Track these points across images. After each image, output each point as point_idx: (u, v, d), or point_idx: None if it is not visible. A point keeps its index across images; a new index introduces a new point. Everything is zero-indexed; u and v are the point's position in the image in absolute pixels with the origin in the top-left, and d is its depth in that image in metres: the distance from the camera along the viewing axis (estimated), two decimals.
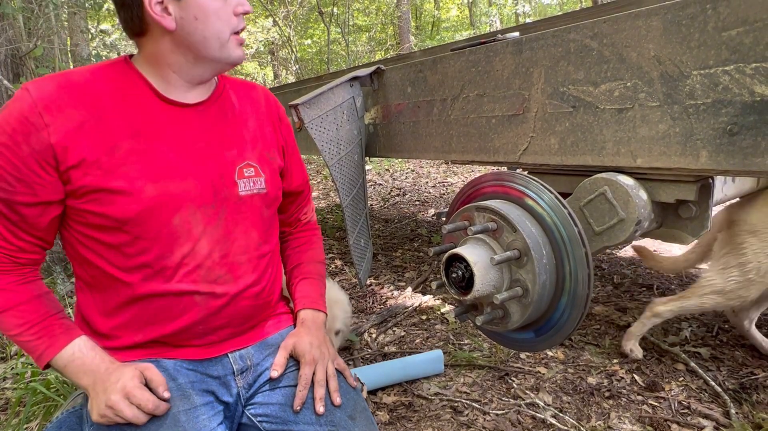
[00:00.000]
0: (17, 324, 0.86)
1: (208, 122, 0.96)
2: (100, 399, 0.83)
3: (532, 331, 1.25)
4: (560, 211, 1.14)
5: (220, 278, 0.95)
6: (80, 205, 0.85)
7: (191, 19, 0.86)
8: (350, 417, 0.96)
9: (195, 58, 0.91)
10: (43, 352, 0.86)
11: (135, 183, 0.86)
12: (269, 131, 1.08)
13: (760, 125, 0.97)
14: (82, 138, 0.84)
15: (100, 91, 0.87)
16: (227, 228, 0.96)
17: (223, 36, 0.90)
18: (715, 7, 0.99)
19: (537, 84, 1.37)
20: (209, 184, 0.93)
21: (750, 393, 1.53)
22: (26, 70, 2.68)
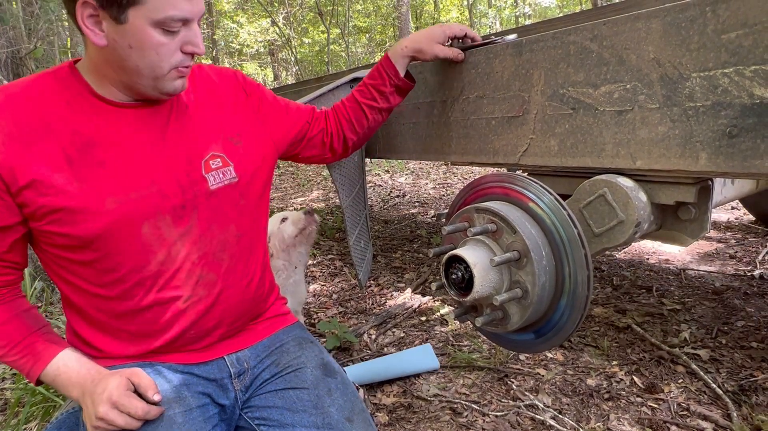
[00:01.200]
0: (2, 344, 0.86)
1: (163, 120, 0.91)
2: (90, 411, 0.83)
3: (531, 332, 1.25)
4: (560, 212, 1.14)
5: (201, 279, 0.93)
6: (42, 226, 0.83)
7: (125, 45, 0.79)
8: (347, 419, 0.95)
9: (126, 80, 0.84)
10: (30, 369, 0.87)
11: (94, 198, 0.82)
12: (230, 113, 1.02)
13: (759, 127, 0.97)
14: (29, 156, 0.79)
15: (42, 102, 0.82)
16: (201, 227, 0.93)
17: (159, 71, 0.82)
18: (715, 10, 1.00)
19: (537, 86, 1.38)
20: (175, 184, 0.89)
21: (749, 395, 1.53)
22: (26, 71, 2.68)
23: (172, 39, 0.81)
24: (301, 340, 1.11)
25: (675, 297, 2.27)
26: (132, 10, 0.76)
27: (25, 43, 2.64)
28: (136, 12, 0.76)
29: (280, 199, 5.86)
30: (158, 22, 0.77)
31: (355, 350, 1.98)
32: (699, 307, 2.14)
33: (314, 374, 1.02)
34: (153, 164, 0.88)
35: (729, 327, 1.96)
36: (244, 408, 1.01)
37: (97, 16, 0.77)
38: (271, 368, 1.04)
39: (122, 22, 0.76)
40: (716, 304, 2.16)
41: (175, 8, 0.77)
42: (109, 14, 0.76)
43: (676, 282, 2.45)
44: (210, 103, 1.00)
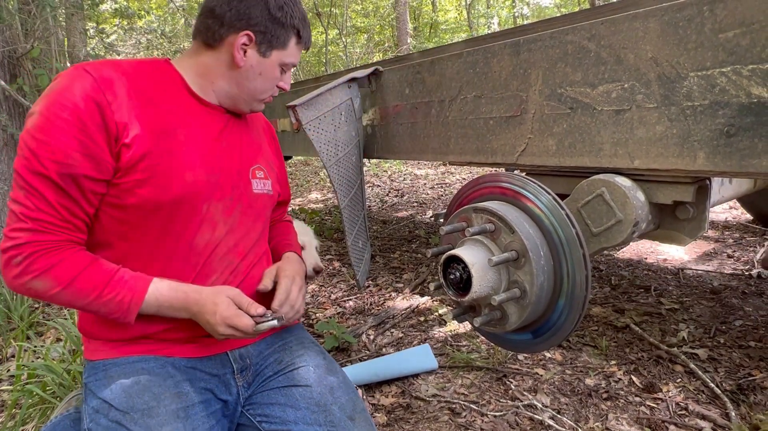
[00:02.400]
0: (92, 287, 0.87)
1: (232, 126, 1.08)
2: (208, 329, 0.93)
3: (530, 332, 1.25)
4: (558, 212, 1.14)
5: (231, 264, 1.03)
6: (124, 183, 0.89)
7: (257, 72, 1.02)
8: (350, 418, 0.97)
9: (235, 93, 1.04)
10: (130, 301, 0.89)
11: (177, 168, 0.93)
12: (267, 144, 1.22)
13: (756, 126, 0.97)
14: (135, 120, 0.89)
15: (145, 83, 0.94)
16: (241, 220, 1.05)
17: (262, 95, 1.07)
18: (712, 9, 1.00)
19: (535, 85, 1.37)
20: (230, 178, 1.03)
21: (747, 394, 1.53)
22: (23, 71, 2.67)
23: (281, 77, 1.07)
24: (303, 340, 1.14)
25: (673, 296, 2.27)
26: (276, 51, 1.02)
27: (22, 43, 2.63)
28: (278, 53, 1.03)
29: None
30: (284, 64, 1.05)
31: (354, 350, 1.98)
32: (697, 307, 2.14)
33: (317, 372, 1.04)
34: (219, 156, 1.02)
35: (727, 326, 1.96)
36: (246, 405, 1.02)
37: (248, 45, 0.99)
38: (274, 365, 1.06)
39: (265, 56, 1.01)
40: (714, 304, 2.16)
41: (294, 58, 1.06)
42: (259, 48, 1.00)
43: (675, 281, 2.45)
44: (255, 129, 1.20)
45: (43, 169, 0.83)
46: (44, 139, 0.82)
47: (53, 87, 0.86)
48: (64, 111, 0.83)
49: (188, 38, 10.56)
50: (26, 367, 1.68)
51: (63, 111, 0.83)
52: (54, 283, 0.85)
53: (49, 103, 0.84)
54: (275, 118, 2.98)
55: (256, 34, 0.98)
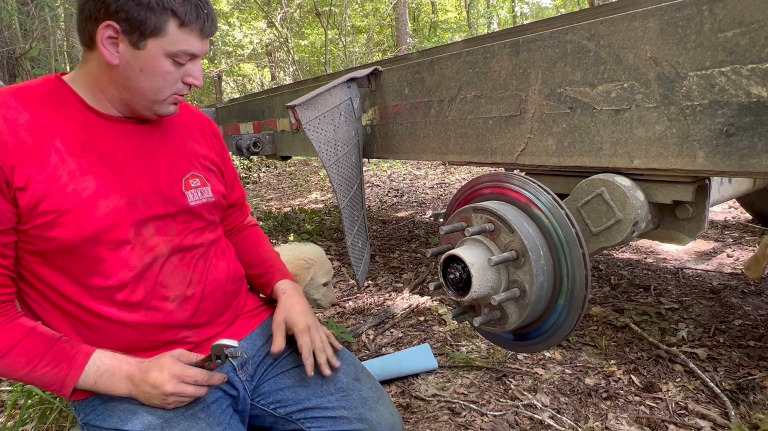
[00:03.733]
0: (26, 360, 0.82)
1: (148, 136, 0.97)
2: (154, 395, 0.86)
3: (529, 332, 1.25)
4: (558, 211, 1.14)
5: (186, 278, 0.97)
6: (31, 230, 0.82)
7: (137, 68, 0.86)
8: (355, 379, 1.05)
9: (127, 98, 0.90)
10: (66, 377, 0.84)
11: (86, 201, 0.84)
12: (205, 146, 1.10)
13: (756, 126, 0.97)
14: (24, 159, 0.81)
15: (35, 107, 0.85)
16: (182, 236, 0.98)
17: (161, 95, 0.91)
18: (712, 9, 1.00)
19: (534, 85, 1.37)
20: (158, 196, 0.94)
21: (747, 394, 1.53)
22: (22, 71, 2.67)
23: (178, 69, 0.89)
24: None
25: (673, 296, 2.27)
26: (152, 40, 0.84)
27: (21, 43, 2.63)
28: (155, 42, 0.84)
29: (278, 199, 5.85)
30: (171, 54, 0.86)
31: (353, 350, 1.98)
32: (696, 306, 2.14)
33: None
34: (138, 175, 0.93)
35: (726, 325, 1.96)
36: (255, 397, 1.05)
37: (116, 38, 0.83)
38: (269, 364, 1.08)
39: (140, 48, 0.84)
40: (714, 303, 2.16)
41: (189, 45, 0.87)
42: (129, 39, 0.83)
43: (674, 281, 2.45)
44: (188, 132, 1.08)
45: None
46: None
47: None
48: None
49: None
50: None
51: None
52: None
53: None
54: (274, 118, 2.98)
55: (119, 22, 0.82)
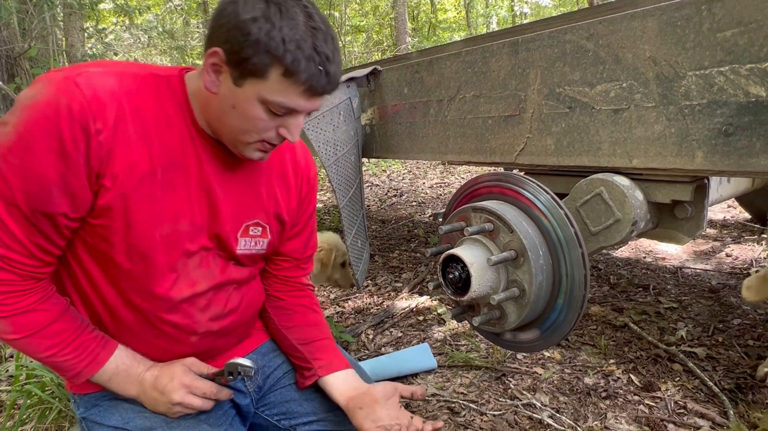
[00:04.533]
0: (50, 345, 0.79)
1: (235, 168, 0.90)
2: (161, 402, 0.85)
3: (528, 331, 1.25)
4: (557, 211, 1.14)
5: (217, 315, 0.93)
6: (96, 225, 0.78)
7: (229, 104, 0.79)
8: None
9: (217, 128, 0.84)
10: (83, 369, 0.82)
11: (152, 220, 0.80)
12: (293, 197, 1.01)
13: (755, 126, 0.97)
14: (120, 158, 0.76)
15: (143, 108, 0.79)
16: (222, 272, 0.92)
17: (246, 138, 0.82)
18: (710, 9, 1.00)
19: (533, 85, 1.38)
20: (215, 233, 0.89)
21: (746, 393, 1.53)
22: (21, 71, 2.67)
23: (272, 119, 0.80)
24: None
25: (672, 295, 2.27)
26: (251, 80, 0.76)
27: (20, 43, 2.63)
28: (254, 83, 0.76)
29: None
30: (266, 101, 0.77)
31: (353, 350, 1.98)
32: (695, 305, 2.15)
33: None
34: (210, 206, 0.87)
35: (725, 325, 1.96)
36: (261, 407, 1.04)
37: (220, 66, 0.77)
38: (283, 365, 1.07)
39: (238, 85, 0.77)
40: (713, 302, 2.17)
41: (288, 98, 0.77)
42: (231, 72, 0.76)
43: (673, 280, 2.46)
44: (279, 172, 0.99)
45: (11, 197, 0.71)
46: (17, 163, 0.70)
47: (34, 97, 0.71)
48: (45, 135, 0.69)
49: (188, 36, 10.53)
50: (25, 367, 1.67)
51: (45, 135, 0.69)
52: (13, 329, 0.77)
53: (27, 120, 0.69)
54: None
55: (225, 53, 0.75)
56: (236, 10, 0.73)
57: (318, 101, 0.81)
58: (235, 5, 0.73)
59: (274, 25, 0.72)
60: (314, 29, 0.75)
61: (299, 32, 0.73)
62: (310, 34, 0.74)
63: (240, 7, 0.73)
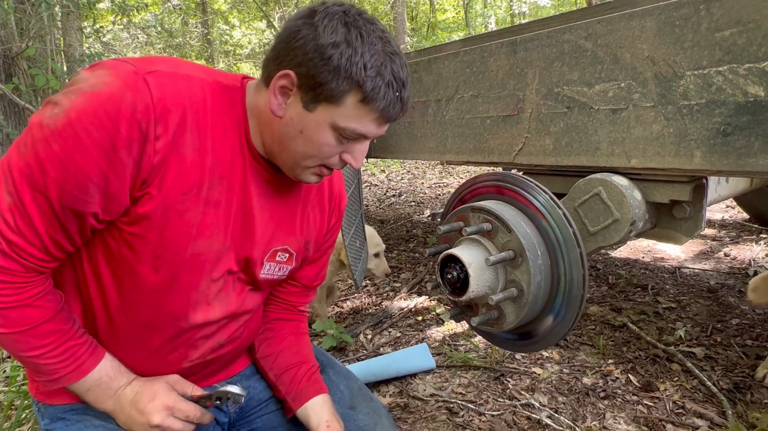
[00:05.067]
0: (38, 345, 0.74)
1: (278, 190, 0.88)
2: (138, 422, 0.79)
3: (526, 332, 1.25)
4: (555, 211, 1.13)
5: (219, 345, 0.91)
6: (127, 231, 0.74)
7: (297, 128, 0.76)
8: (351, 407, 0.98)
9: (275, 150, 0.80)
10: (65, 376, 0.77)
11: (191, 232, 0.77)
12: (320, 218, 0.99)
13: (753, 125, 0.97)
14: (173, 167, 0.72)
15: (204, 118, 0.75)
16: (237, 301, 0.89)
17: (310, 163, 0.79)
18: (709, 8, 1.00)
19: (531, 84, 1.37)
20: (243, 257, 0.86)
21: (744, 393, 1.53)
22: (18, 71, 2.66)
23: (339, 145, 0.78)
24: None
25: (670, 295, 2.28)
26: (324, 105, 0.73)
27: (17, 42, 2.62)
28: (327, 109, 0.73)
29: None
30: (338, 128, 0.75)
31: (351, 350, 1.98)
32: (694, 305, 2.15)
33: None
34: (245, 229, 0.84)
35: (724, 325, 1.96)
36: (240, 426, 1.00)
37: (290, 90, 0.74)
38: (267, 390, 1.02)
39: (309, 110, 0.74)
40: (711, 302, 2.17)
41: (362, 125, 0.75)
42: (302, 96, 0.73)
43: (671, 280, 2.46)
44: (320, 200, 0.98)
45: (43, 186, 0.65)
46: (60, 153, 0.64)
47: (96, 86, 0.65)
48: (99, 129, 0.64)
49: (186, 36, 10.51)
50: (21, 368, 1.67)
51: (98, 128, 0.64)
52: (2, 323, 0.72)
53: (84, 107, 0.64)
54: None
55: (298, 76, 0.72)
56: (315, 33, 0.70)
57: (386, 127, 0.79)
58: (312, 28, 0.71)
59: (356, 50, 0.70)
60: (392, 55, 0.74)
61: (379, 58, 0.72)
62: (389, 60, 0.73)
63: (320, 31, 0.70)
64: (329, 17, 0.71)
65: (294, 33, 0.72)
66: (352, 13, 0.73)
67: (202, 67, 0.80)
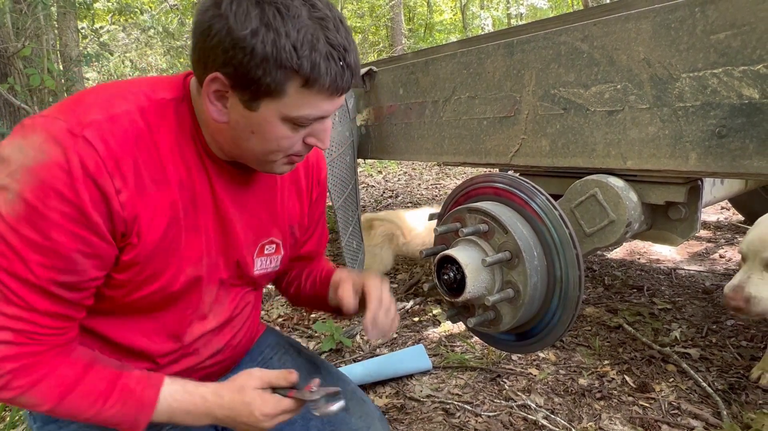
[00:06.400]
0: (90, 402, 0.70)
1: (248, 185, 0.85)
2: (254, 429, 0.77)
3: (523, 332, 1.25)
4: (552, 212, 1.14)
5: (219, 351, 0.90)
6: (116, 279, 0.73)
7: (247, 130, 0.70)
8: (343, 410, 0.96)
9: (237, 154, 0.76)
10: (136, 416, 0.72)
11: (177, 266, 0.76)
12: (304, 203, 0.96)
13: (748, 127, 0.98)
14: (145, 210, 0.69)
15: (160, 143, 0.71)
16: (231, 306, 0.89)
17: (273, 157, 0.75)
18: (704, 11, 1.00)
19: (528, 86, 1.38)
20: (233, 263, 0.84)
21: (739, 394, 1.54)
22: (14, 70, 2.65)
23: (299, 132, 0.72)
24: (278, 346, 1.09)
25: (666, 296, 2.28)
26: (266, 101, 0.66)
27: (13, 42, 2.61)
28: (270, 104, 0.67)
29: None
30: (291, 119, 0.69)
31: (348, 351, 1.97)
32: (689, 306, 2.16)
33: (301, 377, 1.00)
34: (228, 237, 0.82)
35: (719, 326, 1.97)
36: None
37: (224, 92, 0.67)
38: None
39: (252, 109, 0.68)
40: (706, 303, 2.17)
41: (315, 108, 0.69)
42: (240, 97, 0.67)
43: (667, 281, 2.47)
44: (296, 180, 0.94)
45: (32, 276, 0.63)
46: (33, 237, 0.61)
47: (37, 158, 0.61)
48: (61, 201, 0.61)
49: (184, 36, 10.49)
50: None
51: (60, 200, 0.61)
52: (42, 400, 0.67)
53: (36, 185, 0.60)
54: None
55: (227, 77, 0.65)
56: (228, 26, 0.61)
57: (343, 98, 0.73)
58: (223, 20, 0.62)
59: (278, 31, 0.61)
60: (322, 20, 0.64)
61: (308, 30, 0.63)
62: (320, 26, 0.64)
63: (231, 21, 0.61)
64: (237, 1, 0.62)
65: (206, 30, 0.64)
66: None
67: (139, 85, 0.73)
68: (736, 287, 1.22)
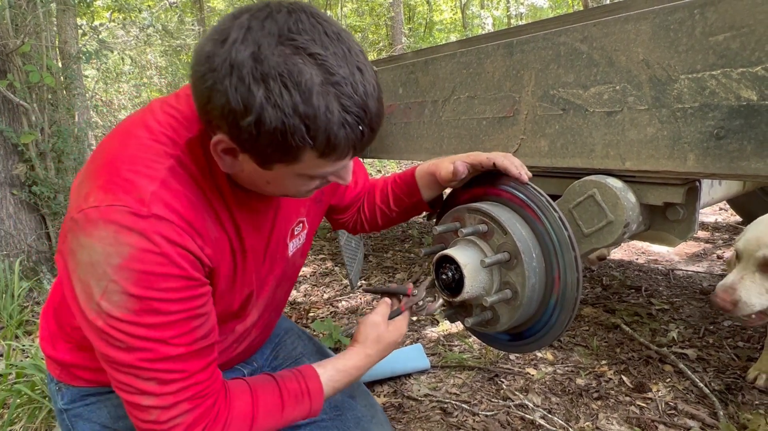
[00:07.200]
0: (272, 417, 0.78)
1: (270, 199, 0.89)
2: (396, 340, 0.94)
3: (520, 333, 1.25)
4: (551, 213, 1.14)
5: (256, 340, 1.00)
6: None
7: (261, 179, 0.68)
8: (351, 397, 1.05)
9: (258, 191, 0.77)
10: (311, 407, 0.83)
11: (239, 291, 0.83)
12: None
13: (746, 129, 0.98)
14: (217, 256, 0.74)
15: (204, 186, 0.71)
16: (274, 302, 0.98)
17: (295, 196, 0.78)
18: (703, 13, 1.01)
19: (527, 86, 1.38)
20: (270, 257, 0.88)
21: (736, 394, 1.54)
22: (13, 67, 2.64)
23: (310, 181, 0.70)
24: (290, 331, 1.19)
25: (663, 297, 2.29)
26: (279, 165, 0.64)
27: (12, 38, 2.60)
28: (285, 167, 0.64)
29: None
30: (307, 175, 0.67)
31: None
32: (687, 307, 2.16)
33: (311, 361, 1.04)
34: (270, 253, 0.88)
35: (716, 326, 1.98)
36: None
37: (234, 150, 0.63)
38: (272, 361, 1.11)
39: (266, 168, 0.65)
40: (704, 304, 2.18)
41: (331, 167, 0.66)
42: (251, 157, 0.63)
43: (665, 282, 2.47)
44: None
45: (178, 349, 0.66)
46: (158, 321, 0.64)
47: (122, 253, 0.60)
48: (166, 280, 0.63)
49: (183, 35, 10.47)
50: (15, 366, 1.66)
51: (165, 281, 0.63)
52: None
53: (135, 279, 0.61)
54: None
55: (234, 141, 0.61)
56: (230, 108, 0.56)
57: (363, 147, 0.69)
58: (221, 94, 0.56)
59: (285, 106, 0.55)
60: (337, 84, 0.57)
61: (320, 101, 0.56)
62: (335, 93, 0.57)
63: (231, 95, 0.56)
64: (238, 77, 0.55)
65: (206, 96, 0.59)
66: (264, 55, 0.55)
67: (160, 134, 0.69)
68: (728, 288, 1.25)
